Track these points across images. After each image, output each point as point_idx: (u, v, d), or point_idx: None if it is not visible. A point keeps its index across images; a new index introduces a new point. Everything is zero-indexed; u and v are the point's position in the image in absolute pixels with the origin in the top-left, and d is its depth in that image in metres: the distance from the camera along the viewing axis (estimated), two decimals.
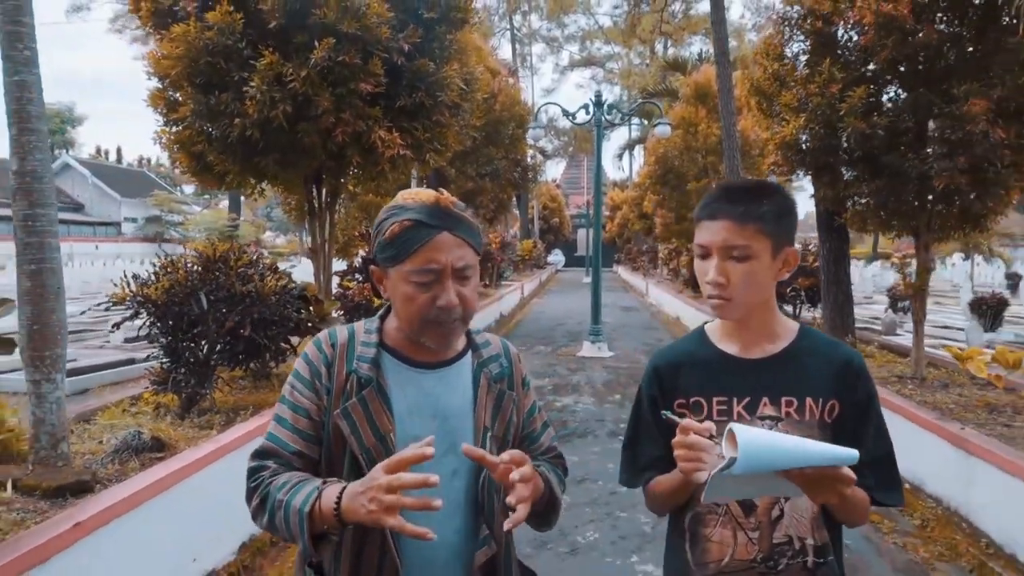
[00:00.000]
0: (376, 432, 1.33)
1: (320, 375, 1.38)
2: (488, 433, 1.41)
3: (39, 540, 2.59)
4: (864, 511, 1.42)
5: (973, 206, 5.81)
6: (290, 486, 1.27)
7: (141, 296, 4.53)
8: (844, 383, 1.44)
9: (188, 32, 5.70)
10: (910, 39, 5.38)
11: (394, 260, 1.33)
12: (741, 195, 1.41)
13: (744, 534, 1.44)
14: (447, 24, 6.73)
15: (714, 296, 1.42)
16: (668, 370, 1.54)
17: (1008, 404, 5.10)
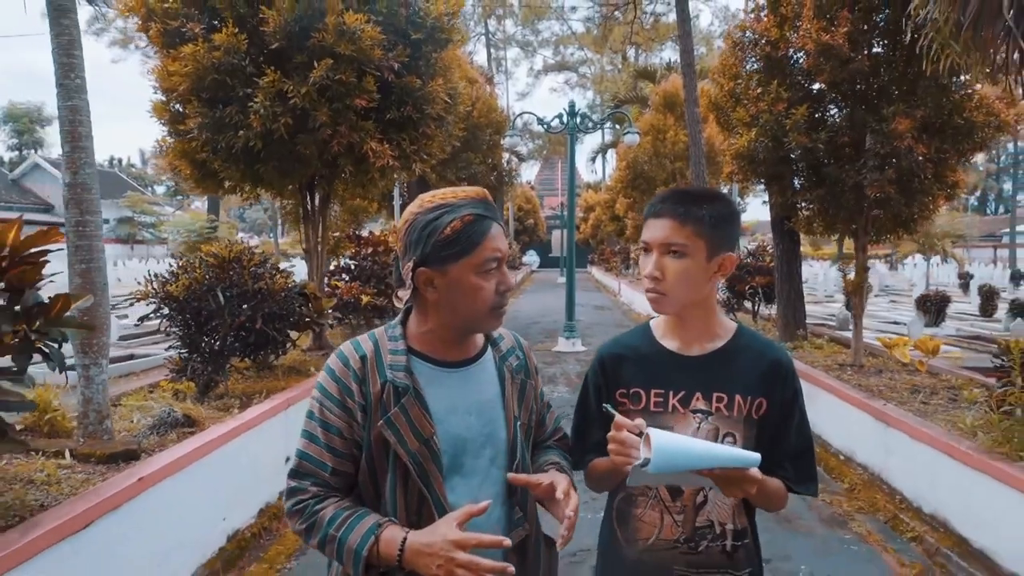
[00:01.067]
0: (419, 436, 1.38)
1: (351, 392, 1.40)
2: (518, 422, 1.49)
3: (114, 490, 3.15)
4: (781, 500, 1.54)
5: (903, 212, 6.56)
6: (341, 521, 1.34)
7: (163, 293, 5.07)
8: (772, 382, 1.55)
9: (197, 52, 6.23)
10: (846, 64, 6.09)
11: (459, 255, 1.37)
12: (685, 198, 1.52)
13: (670, 516, 1.55)
14: (432, 43, 7.33)
15: (650, 289, 1.54)
16: (612, 361, 1.65)
17: (929, 386, 5.82)
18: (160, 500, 3.50)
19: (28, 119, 58.38)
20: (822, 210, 6.93)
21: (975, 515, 3.96)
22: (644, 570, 1.56)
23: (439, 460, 1.38)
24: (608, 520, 1.66)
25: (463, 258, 1.37)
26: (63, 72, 3.98)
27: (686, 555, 1.53)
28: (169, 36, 6.56)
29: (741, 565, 1.55)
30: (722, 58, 7.48)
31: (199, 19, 6.51)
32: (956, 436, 4.31)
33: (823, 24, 6.06)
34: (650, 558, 1.56)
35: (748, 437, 1.52)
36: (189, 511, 3.78)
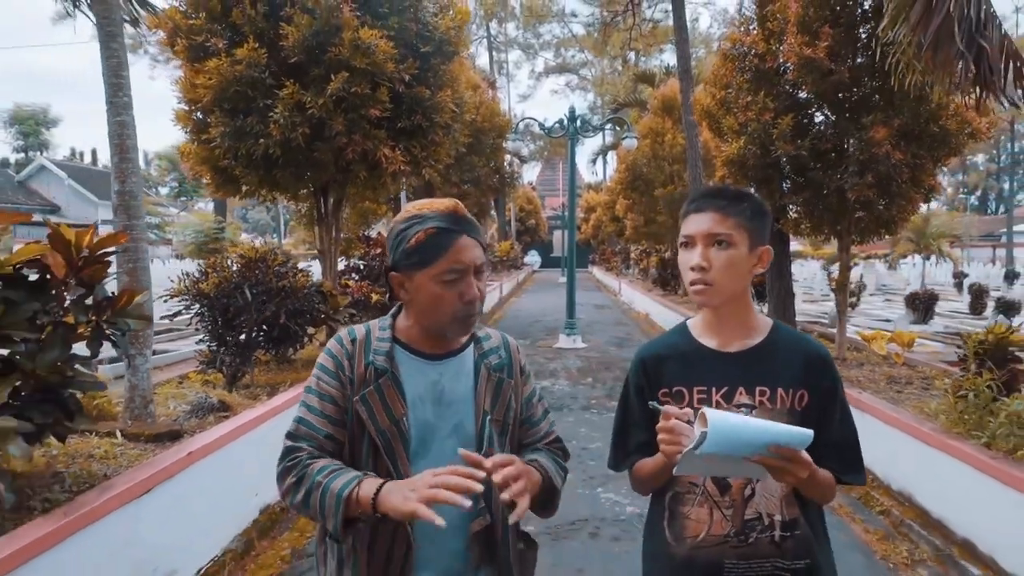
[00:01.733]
0: (391, 416, 1.50)
1: (343, 367, 1.54)
2: (488, 416, 1.56)
3: (169, 461, 3.60)
4: (830, 489, 1.54)
5: (883, 214, 6.99)
6: (329, 471, 1.43)
7: (195, 291, 5.50)
8: (812, 374, 1.57)
9: (220, 66, 6.66)
10: (827, 77, 6.52)
11: (420, 265, 1.48)
12: (724, 193, 1.57)
13: (719, 511, 1.56)
14: (441, 56, 7.77)
15: (697, 281, 1.54)
16: (653, 362, 1.66)
17: (905, 377, 6.25)
18: (205, 473, 3.94)
19: (34, 121, 58.72)
20: (808, 212, 7.37)
21: (934, 488, 4.39)
22: (695, 567, 1.56)
23: (406, 441, 1.49)
24: (656, 521, 1.67)
25: (424, 268, 1.48)
26: (112, 91, 4.42)
27: (736, 548, 1.54)
28: (194, 50, 6.99)
29: (791, 555, 1.55)
30: (713, 69, 7.92)
31: (222, 34, 6.94)
32: (921, 419, 4.74)
33: (806, 39, 6.49)
34: (701, 555, 1.56)
35: None
36: (228, 485, 4.22)
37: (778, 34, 6.93)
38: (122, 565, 3.19)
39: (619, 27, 23.00)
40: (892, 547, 4.19)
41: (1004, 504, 3.64)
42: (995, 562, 3.72)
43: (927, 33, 4.23)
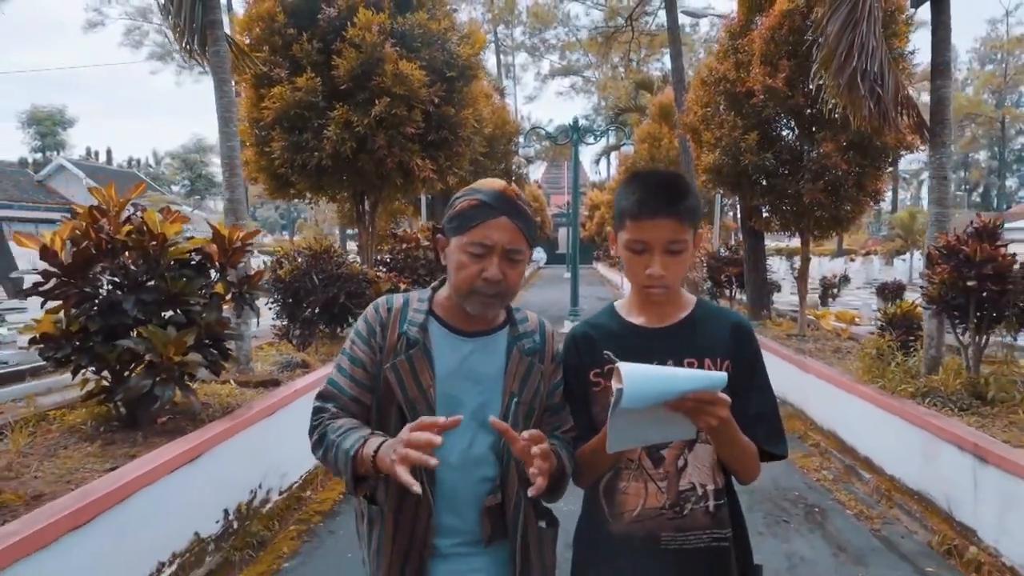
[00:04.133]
0: (419, 386, 1.52)
1: (375, 333, 1.58)
2: (515, 399, 1.56)
3: (282, 395, 5.00)
4: (753, 459, 1.55)
5: (836, 214, 8.35)
6: (343, 430, 1.48)
7: (275, 276, 6.91)
8: (735, 343, 1.60)
9: (283, 92, 8.07)
10: (786, 101, 7.88)
11: (456, 231, 1.52)
12: (671, 195, 1.51)
13: (654, 484, 1.56)
14: (463, 79, 9.17)
15: (655, 287, 1.54)
16: (584, 341, 1.67)
17: (847, 347, 7.61)
18: (300, 411, 5.34)
19: (51, 121, 60.08)
20: (773, 213, 8.73)
21: (847, 423, 5.77)
22: (632, 542, 1.57)
23: (433, 412, 1.47)
24: (593, 497, 1.66)
25: (457, 234, 1.52)
26: (224, 123, 5.81)
27: (672, 520, 1.55)
28: (259, 78, 8.40)
29: (725, 524, 1.58)
30: (693, 90, 9.28)
31: (283, 65, 8.34)
32: (843, 373, 6.12)
33: (768, 70, 7.85)
34: (637, 529, 1.57)
35: None
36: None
37: (746, 64, 8.29)
38: (258, 463, 4.60)
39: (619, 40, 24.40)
40: (809, 461, 5.59)
41: (890, 428, 5.01)
42: (883, 470, 5.10)
43: (843, 78, 5.57)
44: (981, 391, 4.80)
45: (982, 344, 5.02)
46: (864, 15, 5.31)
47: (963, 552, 3.88)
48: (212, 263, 4.59)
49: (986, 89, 50.65)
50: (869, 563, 3.84)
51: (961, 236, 4.92)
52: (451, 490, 1.53)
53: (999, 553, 3.71)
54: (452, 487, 1.53)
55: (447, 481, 1.53)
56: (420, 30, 8.48)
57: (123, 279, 4.26)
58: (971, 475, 3.98)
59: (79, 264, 4.05)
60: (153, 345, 4.05)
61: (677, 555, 1.55)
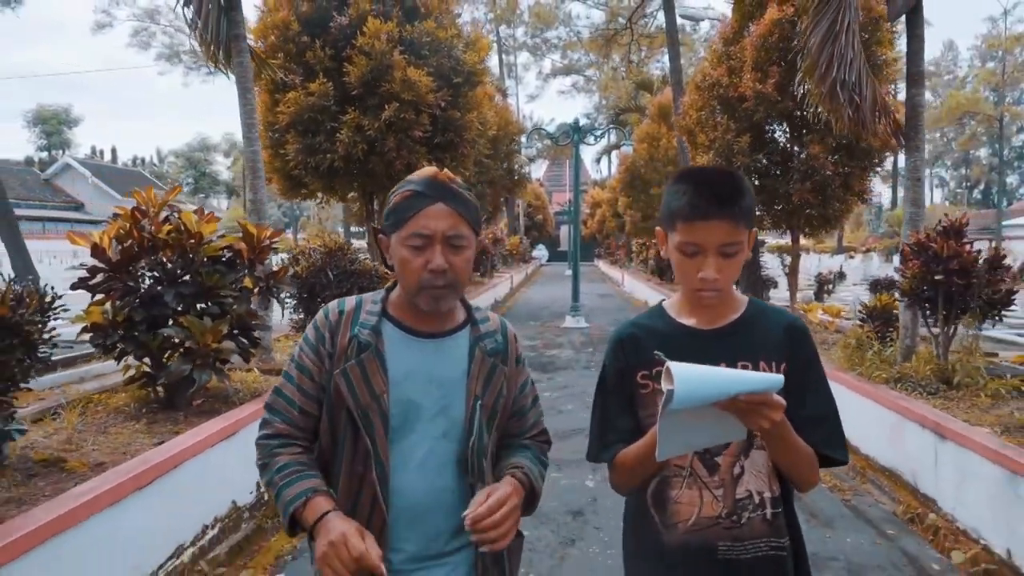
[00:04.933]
0: (371, 392, 1.44)
1: (324, 340, 1.50)
2: (478, 401, 1.51)
3: None
4: (811, 465, 1.47)
5: (825, 213, 8.76)
6: (288, 472, 1.44)
7: (293, 272, 7.32)
8: (791, 344, 1.52)
9: (297, 97, 8.49)
10: (775, 105, 8.29)
11: (395, 226, 1.46)
12: (728, 195, 1.44)
13: (709, 492, 1.49)
14: (468, 85, 9.60)
15: (708, 291, 1.47)
16: (631, 342, 1.59)
17: (833, 339, 8.02)
18: None
19: (56, 120, 60.52)
20: (766, 211, 9.14)
21: None
22: (688, 553, 1.49)
23: (386, 419, 1.43)
24: (640, 512, 1.58)
25: (396, 229, 1.46)
26: (247, 129, 6.23)
27: (729, 530, 1.48)
28: (274, 84, 8.82)
29: (783, 533, 1.51)
30: (689, 94, 9.69)
31: (297, 71, 8.76)
32: (825, 361, 6.52)
33: (758, 76, 8.26)
34: (694, 539, 1.49)
35: None
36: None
37: (738, 70, 8.69)
38: None
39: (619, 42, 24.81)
40: None
41: (865, 411, 5.41)
42: (858, 449, 5.51)
43: (825, 87, 5.98)
44: (948, 377, 5.21)
45: (950, 333, 5.42)
46: (843, 29, 5.72)
47: (924, 519, 4.29)
48: (242, 259, 5.01)
49: (987, 87, 50.96)
50: (836, 527, 4.25)
51: (930, 234, 5.33)
52: (411, 499, 1.45)
53: (955, 519, 4.12)
54: (412, 495, 1.45)
55: (407, 489, 1.45)
56: (428, 38, 8.90)
57: (162, 274, 4.68)
58: (932, 451, 4.40)
59: (124, 261, 4.47)
60: (192, 333, 4.47)
61: (735, 565, 1.48)
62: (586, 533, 4.04)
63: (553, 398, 7.55)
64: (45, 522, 2.67)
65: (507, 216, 38.40)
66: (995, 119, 44.26)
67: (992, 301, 5.15)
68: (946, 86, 58.37)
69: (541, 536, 4.02)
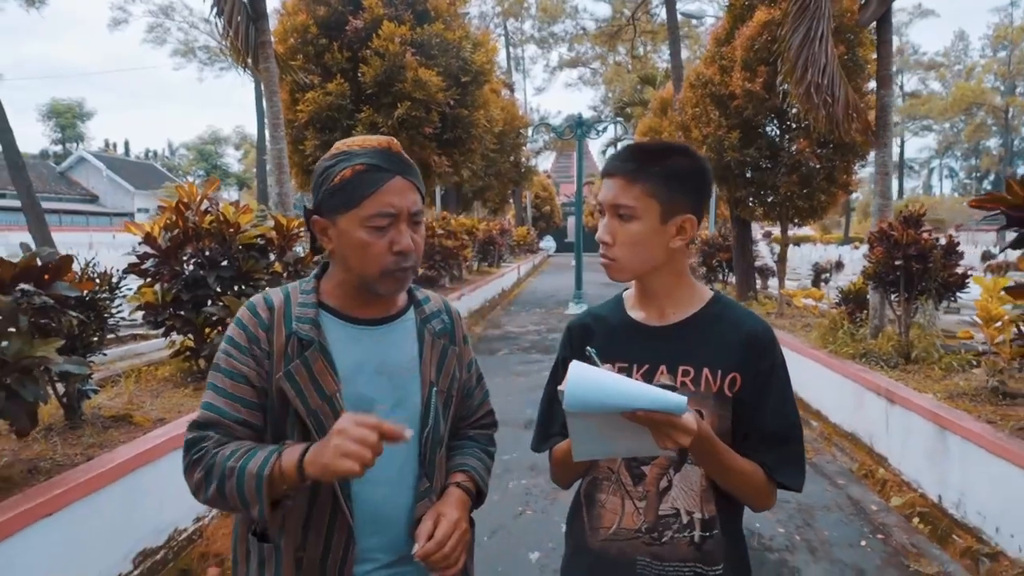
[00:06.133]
0: (322, 393, 1.31)
1: (258, 340, 1.33)
2: (433, 388, 1.41)
3: None
4: (755, 488, 1.34)
5: (811, 204, 9.30)
6: (241, 453, 1.25)
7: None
8: (748, 354, 1.36)
9: (316, 96, 9.09)
10: (763, 103, 8.82)
11: (346, 206, 1.28)
12: (637, 154, 1.35)
13: (631, 502, 1.40)
14: (476, 84, 10.18)
15: (602, 255, 1.40)
16: (579, 332, 1.52)
17: (816, 323, 8.57)
18: None
19: (71, 114, 61.34)
20: (755, 203, 9.69)
21: (804, 383, 6.76)
22: (606, 561, 1.41)
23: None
24: (575, 508, 1.51)
25: (350, 209, 1.29)
26: (273, 128, 6.84)
27: (649, 546, 1.37)
28: (293, 83, 9.43)
29: (715, 560, 1.36)
30: (684, 92, 10.23)
31: (315, 72, 9.36)
32: (804, 342, 7.10)
33: (748, 75, 8.79)
34: (612, 548, 1.40)
35: (722, 416, 1.35)
36: None
37: (728, 69, 9.23)
38: None
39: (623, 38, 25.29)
40: None
41: (833, 383, 5.99)
42: (828, 418, 6.10)
43: (802, 88, 6.53)
44: (908, 352, 5.78)
45: (911, 313, 5.99)
46: (817, 36, 6.26)
47: (875, 473, 4.88)
48: (272, 246, 5.62)
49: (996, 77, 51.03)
50: None
51: (893, 223, 5.89)
52: (372, 503, 1.34)
53: (900, 473, 4.71)
54: (372, 499, 1.34)
55: (366, 493, 1.33)
56: (437, 39, 9.48)
57: (204, 259, 5.30)
58: (884, 415, 4.98)
59: (173, 248, 5.09)
60: (231, 311, 5.09)
61: None
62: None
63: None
64: (130, 456, 3.31)
65: (515, 207, 38.98)
66: (1001, 110, 44.43)
67: (947, 284, 5.70)
68: (956, 76, 58.46)
69: (536, 484, 4.64)
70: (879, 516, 4.25)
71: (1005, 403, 4.44)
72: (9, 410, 2.82)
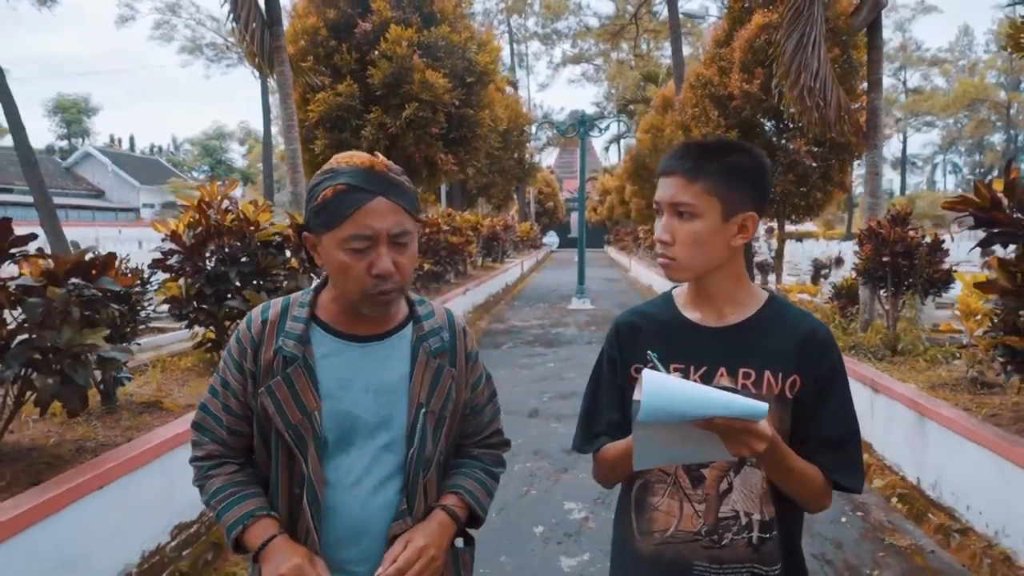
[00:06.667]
0: (302, 409, 1.32)
1: (247, 356, 1.36)
2: (423, 409, 1.38)
3: None
4: (815, 491, 1.33)
5: (808, 202, 9.58)
6: (224, 496, 1.35)
7: None
8: (806, 356, 1.34)
9: (327, 97, 9.37)
10: (760, 104, 9.09)
11: (327, 226, 1.27)
12: (697, 151, 1.33)
13: (690, 505, 1.38)
14: (480, 84, 10.45)
15: (661, 255, 1.36)
16: (628, 331, 1.48)
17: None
18: None
19: (76, 109, 61.64)
20: None
21: None
22: (661, 565, 1.38)
23: (318, 437, 1.32)
24: (624, 511, 1.47)
25: (329, 230, 1.28)
26: (287, 129, 7.12)
27: (708, 549, 1.35)
28: (308, 85, 9.71)
29: (772, 560, 1.36)
30: (684, 92, 10.49)
31: (325, 74, 9.64)
32: None
33: (745, 76, 9.05)
34: (668, 551, 1.38)
35: (782, 419, 1.33)
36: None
37: (727, 71, 9.49)
38: None
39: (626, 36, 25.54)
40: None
41: None
42: None
43: (795, 91, 6.79)
44: (894, 344, 6.05)
45: (899, 307, 6.26)
46: (810, 42, 6.52)
47: None
48: (289, 243, 5.91)
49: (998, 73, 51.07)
50: None
51: (881, 221, 6.16)
52: (349, 518, 1.35)
53: (883, 457, 4.99)
54: (350, 514, 1.35)
55: (345, 508, 1.34)
56: (443, 42, 9.75)
57: (225, 256, 5.59)
58: (869, 403, 5.26)
59: (197, 245, 5.38)
60: (252, 304, 5.38)
61: None
62: (577, 465, 4.93)
63: (557, 367, 8.45)
64: (167, 438, 3.60)
65: (518, 203, 39.23)
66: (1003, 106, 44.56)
67: (932, 280, 5.97)
68: (960, 72, 58.49)
69: (540, 467, 4.93)
70: (860, 496, 4.53)
71: (983, 392, 4.72)
72: (63, 393, 3.11)
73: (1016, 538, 3.45)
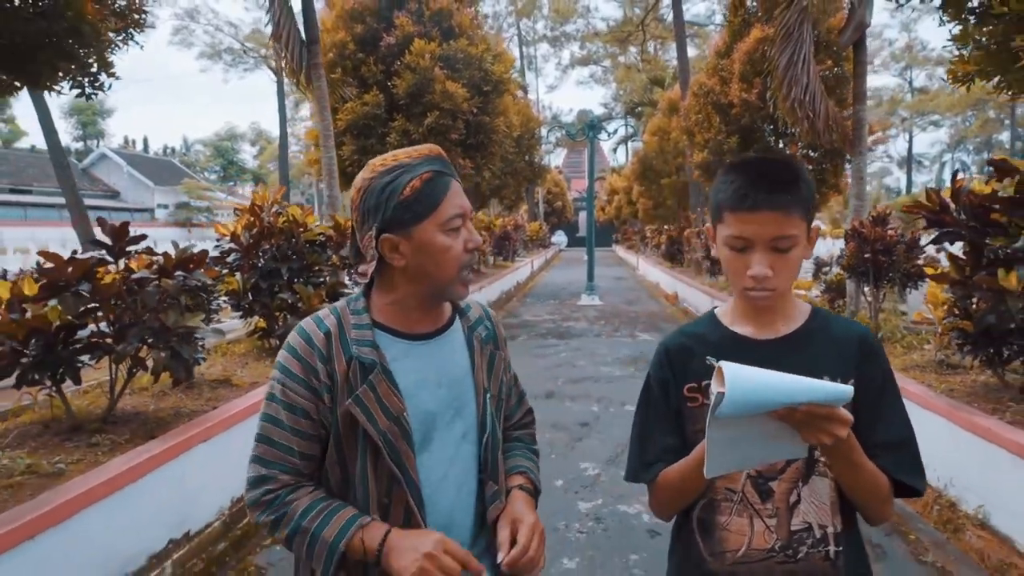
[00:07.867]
0: (388, 414, 1.32)
1: (317, 372, 1.32)
2: (488, 394, 1.44)
3: None
4: (882, 493, 1.30)
5: None
6: (317, 512, 1.28)
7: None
8: (860, 360, 1.35)
9: (354, 106, 10.08)
10: (758, 112, 9.74)
11: (422, 215, 1.30)
12: (780, 184, 1.29)
13: (761, 521, 1.34)
14: (496, 93, 11.14)
15: (759, 290, 1.31)
16: (679, 352, 1.45)
17: None
18: None
19: (92, 111, 62.48)
20: None
21: None
22: None
23: (410, 437, 1.33)
24: (685, 534, 1.44)
25: (427, 218, 1.30)
26: (324, 138, 7.83)
27: (783, 564, 1.32)
28: (332, 94, 10.42)
29: (847, 572, 1.34)
30: (688, 100, 11.16)
31: (354, 84, 10.35)
32: None
33: (745, 86, 9.71)
34: (741, 571, 1.34)
35: None
36: None
37: (728, 80, 10.15)
38: None
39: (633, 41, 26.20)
40: None
41: None
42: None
43: (787, 103, 7.45)
44: (876, 332, 6.71)
45: (880, 299, 6.91)
46: (800, 59, 7.18)
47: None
48: (332, 243, 6.61)
49: None
50: None
51: (864, 221, 6.81)
52: (441, 514, 1.37)
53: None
54: (441, 509, 1.37)
55: (436, 504, 1.36)
56: (462, 54, 10.44)
57: (276, 254, 6.31)
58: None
59: (253, 244, 6.09)
60: (300, 297, 6.09)
61: None
62: (590, 435, 5.62)
63: (569, 356, 9.14)
64: (246, 406, 4.31)
65: (527, 203, 39.86)
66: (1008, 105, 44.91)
67: (909, 274, 6.62)
68: None
69: (558, 436, 5.63)
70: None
71: (947, 372, 5.37)
72: (172, 365, 3.82)
73: (960, 487, 4.12)
